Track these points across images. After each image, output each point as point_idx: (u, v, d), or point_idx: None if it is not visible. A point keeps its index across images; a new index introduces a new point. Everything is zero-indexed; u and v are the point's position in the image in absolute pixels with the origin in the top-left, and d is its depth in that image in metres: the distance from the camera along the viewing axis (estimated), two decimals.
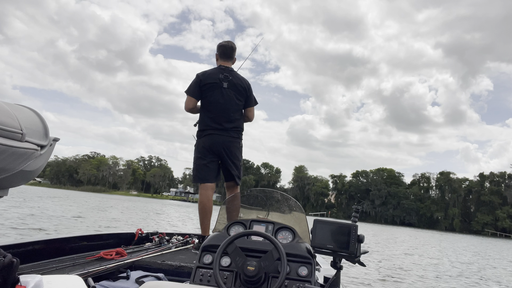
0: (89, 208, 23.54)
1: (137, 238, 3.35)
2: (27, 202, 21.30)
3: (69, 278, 1.35)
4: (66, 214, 16.52)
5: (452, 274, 10.72)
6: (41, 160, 1.00)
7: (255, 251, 1.77)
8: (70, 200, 31.27)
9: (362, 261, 1.77)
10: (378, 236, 28.66)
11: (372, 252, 14.17)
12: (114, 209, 25.22)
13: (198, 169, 3.56)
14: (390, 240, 25.53)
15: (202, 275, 1.75)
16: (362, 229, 15.47)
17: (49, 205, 21.59)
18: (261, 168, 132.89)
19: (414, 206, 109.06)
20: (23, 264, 2.13)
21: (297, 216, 2.10)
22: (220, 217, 2.16)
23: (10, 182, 0.96)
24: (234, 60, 3.79)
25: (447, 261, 14.62)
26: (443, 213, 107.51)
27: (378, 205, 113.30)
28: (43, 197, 30.71)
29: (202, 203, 3.49)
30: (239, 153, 3.65)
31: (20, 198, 23.91)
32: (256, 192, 2.40)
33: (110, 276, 2.18)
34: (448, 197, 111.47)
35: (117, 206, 29.95)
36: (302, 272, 1.75)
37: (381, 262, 11.50)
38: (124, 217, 19.05)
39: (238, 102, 3.59)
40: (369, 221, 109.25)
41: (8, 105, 0.87)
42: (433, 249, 20.81)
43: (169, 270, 2.52)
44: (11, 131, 0.82)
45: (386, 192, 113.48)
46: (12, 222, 11.06)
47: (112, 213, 20.83)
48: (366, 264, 10.28)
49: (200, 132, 3.60)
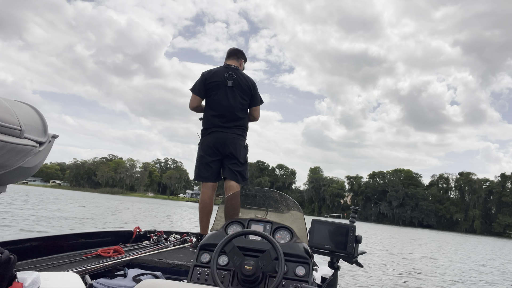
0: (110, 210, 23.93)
1: (135, 236, 3.35)
2: (45, 204, 21.79)
3: (66, 275, 1.35)
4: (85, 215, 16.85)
5: (469, 277, 10.46)
6: (39, 156, 1.01)
7: (253, 250, 1.76)
8: (88, 202, 31.84)
9: (359, 261, 1.76)
10: (395, 238, 28.23)
11: (389, 256, 13.97)
12: (130, 211, 25.56)
13: (200, 168, 3.55)
14: (406, 242, 25.09)
15: (199, 273, 1.75)
16: (379, 231, 15.41)
17: (68, 207, 22.07)
18: (276, 170, 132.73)
19: (433, 207, 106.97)
20: (20, 261, 2.13)
21: (295, 216, 2.09)
22: (218, 216, 2.15)
23: (9, 178, 0.97)
24: (241, 62, 3.79)
25: (471, 263, 14.27)
26: (463, 215, 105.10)
27: (396, 206, 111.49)
28: (61, 200, 31.35)
29: (203, 202, 3.50)
30: (244, 151, 3.59)
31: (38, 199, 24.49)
32: (255, 192, 2.39)
33: (107, 274, 2.18)
34: (468, 198, 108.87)
35: (132, 208, 30.37)
36: (300, 272, 1.74)
37: (399, 265, 11.33)
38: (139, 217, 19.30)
39: (243, 101, 3.58)
40: (386, 222, 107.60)
41: (7, 102, 0.89)
42: (453, 251, 20.36)
43: (167, 269, 2.51)
44: (10, 128, 0.83)
45: (404, 193, 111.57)
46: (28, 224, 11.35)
47: (127, 215, 21.11)
48: (384, 267, 10.08)
49: (204, 130, 3.59)
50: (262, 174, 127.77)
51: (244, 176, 3.58)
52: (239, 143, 3.54)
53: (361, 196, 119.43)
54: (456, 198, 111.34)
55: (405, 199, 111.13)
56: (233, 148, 3.49)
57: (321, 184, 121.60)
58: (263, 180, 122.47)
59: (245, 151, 3.62)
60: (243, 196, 2.46)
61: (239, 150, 3.53)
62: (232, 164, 3.51)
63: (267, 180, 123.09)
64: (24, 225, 10.76)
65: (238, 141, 3.54)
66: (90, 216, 16.87)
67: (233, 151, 3.49)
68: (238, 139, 3.54)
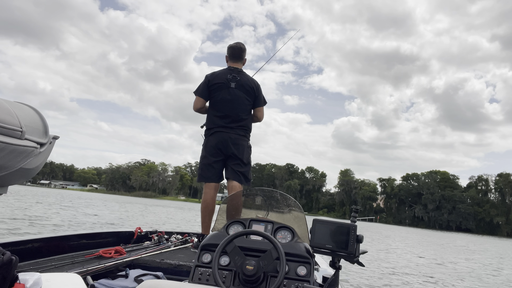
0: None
1: (136, 236, 3.36)
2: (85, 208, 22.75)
3: (68, 276, 1.37)
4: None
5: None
6: (40, 158, 1.02)
7: (254, 250, 1.76)
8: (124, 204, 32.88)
9: (361, 261, 1.74)
10: (431, 242, 27.22)
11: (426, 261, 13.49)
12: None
13: (203, 169, 3.58)
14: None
15: (201, 274, 1.75)
16: (414, 235, 14.66)
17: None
18: (306, 172, 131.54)
19: (472, 210, 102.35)
20: (22, 262, 2.13)
21: (297, 215, 2.07)
22: (220, 216, 2.15)
23: (10, 179, 0.99)
24: (244, 61, 3.82)
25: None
26: (504, 218, 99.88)
27: (432, 209, 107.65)
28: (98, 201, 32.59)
29: (205, 202, 3.52)
30: (247, 152, 3.59)
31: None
32: (256, 192, 2.39)
33: (109, 275, 2.18)
34: (509, 201, 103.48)
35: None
36: (301, 272, 1.73)
37: (434, 271, 10.93)
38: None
39: (246, 102, 3.59)
40: (422, 226, 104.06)
41: (7, 103, 0.89)
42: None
43: (168, 269, 2.52)
44: (10, 129, 0.83)
45: (440, 196, 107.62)
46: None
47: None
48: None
49: (207, 131, 3.62)
50: (292, 177, 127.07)
51: (247, 176, 3.57)
52: (242, 144, 3.55)
53: (394, 199, 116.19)
54: (496, 201, 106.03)
55: (441, 202, 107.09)
56: (236, 149, 3.50)
57: (352, 187, 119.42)
58: (292, 183, 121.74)
59: (248, 151, 3.63)
60: (244, 196, 2.46)
61: (242, 150, 3.54)
62: (235, 164, 3.53)
63: (296, 183, 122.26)
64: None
65: (241, 142, 3.55)
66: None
67: (235, 152, 3.50)
68: (241, 140, 3.55)
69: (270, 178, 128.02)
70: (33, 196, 32.13)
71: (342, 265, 1.75)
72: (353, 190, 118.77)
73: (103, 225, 13.21)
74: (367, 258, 11.52)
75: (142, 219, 19.06)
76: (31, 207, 17.77)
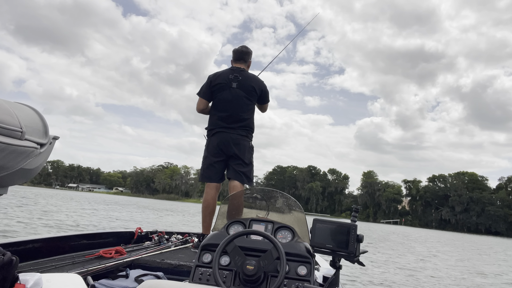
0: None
1: (136, 236, 3.37)
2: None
3: (68, 276, 1.38)
4: None
5: None
6: (41, 158, 1.02)
7: (255, 250, 1.78)
8: None
9: (361, 260, 1.73)
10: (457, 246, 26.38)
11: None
12: None
13: (205, 168, 3.61)
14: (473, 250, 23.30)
15: (201, 274, 1.77)
16: (440, 238, 13.94)
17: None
18: (328, 174, 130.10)
19: (501, 212, 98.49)
20: (22, 262, 2.13)
21: (297, 215, 2.08)
22: (220, 216, 2.17)
23: (10, 180, 0.99)
24: (249, 64, 3.83)
25: None
26: None
27: (459, 212, 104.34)
28: None
29: (206, 202, 3.55)
30: (249, 152, 3.60)
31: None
32: (256, 192, 2.40)
33: (109, 275, 2.19)
34: None
35: None
36: (301, 272, 1.74)
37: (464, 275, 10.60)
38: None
39: (248, 101, 3.60)
40: (449, 229, 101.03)
41: (8, 103, 0.88)
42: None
43: (169, 269, 2.53)
44: (10, 129, 0.82)
45: (468, 197, 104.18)
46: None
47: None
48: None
49: (209, 131, 3.64)
50: (314, 179, 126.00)
51: (249, 176, 3.57)
52: (243, 144, 3.55)
53: (420, 201, 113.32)
54: None
55: (469, 204, 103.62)
56: (237, 149, 3.51)
57: (376, 189, 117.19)
58: (314, 185, 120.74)
59: (250, 151, 3.63)
60: (245, 196, 2.46)
61: (244, 150, 3.55)
62: (237, 164, 3.53)
63: (318, 185, 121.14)
64: None
65: (243, 142, 3.55)
66: None
67: (237, 152, 3.51)
68: (243, 140, 3.56)
69: (292, 180, 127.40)
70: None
71: (342, 264, 1.75)
72: (377, 192, 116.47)
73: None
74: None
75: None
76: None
